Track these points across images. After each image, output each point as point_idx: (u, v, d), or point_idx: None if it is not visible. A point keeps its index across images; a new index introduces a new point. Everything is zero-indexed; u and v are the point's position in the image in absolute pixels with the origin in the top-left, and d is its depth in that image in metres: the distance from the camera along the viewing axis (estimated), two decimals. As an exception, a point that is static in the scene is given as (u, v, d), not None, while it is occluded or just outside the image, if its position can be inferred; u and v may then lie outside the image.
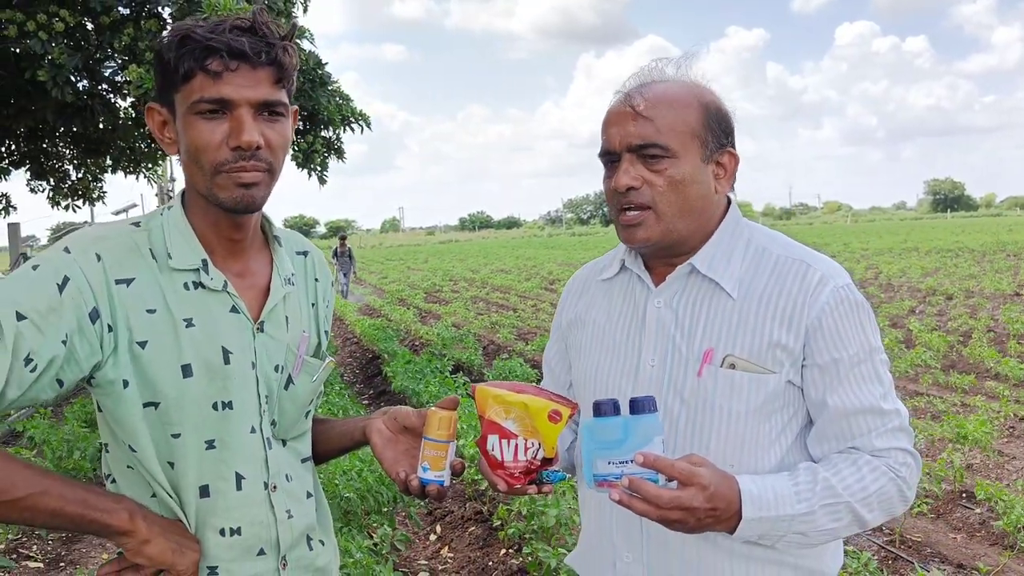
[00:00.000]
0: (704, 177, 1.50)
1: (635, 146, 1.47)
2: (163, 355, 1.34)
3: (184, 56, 1.30)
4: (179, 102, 1.34)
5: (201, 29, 1.31)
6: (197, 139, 1.33)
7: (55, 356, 1.26)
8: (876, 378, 1.48)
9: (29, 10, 8.04)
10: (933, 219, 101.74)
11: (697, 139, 1.48)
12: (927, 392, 8.59)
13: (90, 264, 1.31)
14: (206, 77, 1.30)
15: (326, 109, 9.19)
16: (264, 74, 1.33)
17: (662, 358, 1.53)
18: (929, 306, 15.50)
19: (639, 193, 1.47)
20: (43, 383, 1.27)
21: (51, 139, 11.67)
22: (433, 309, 18.62)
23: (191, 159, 1.35)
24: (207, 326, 1.38)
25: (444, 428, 1.45)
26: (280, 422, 1.48)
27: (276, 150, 1.37)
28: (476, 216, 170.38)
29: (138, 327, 1.34)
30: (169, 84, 1.35)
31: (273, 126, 1.36)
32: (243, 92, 1.31)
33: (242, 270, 1.46)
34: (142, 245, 1.38)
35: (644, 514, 1.31)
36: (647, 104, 1.47)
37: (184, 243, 1.40)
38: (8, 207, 12.95)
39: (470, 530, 5.07)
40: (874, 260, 28.18)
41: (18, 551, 5.12)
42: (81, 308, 1.29)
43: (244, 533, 1.41)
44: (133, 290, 1.34)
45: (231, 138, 1.32)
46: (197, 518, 1.39)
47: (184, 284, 1.38)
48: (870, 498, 1.44)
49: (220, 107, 1.32)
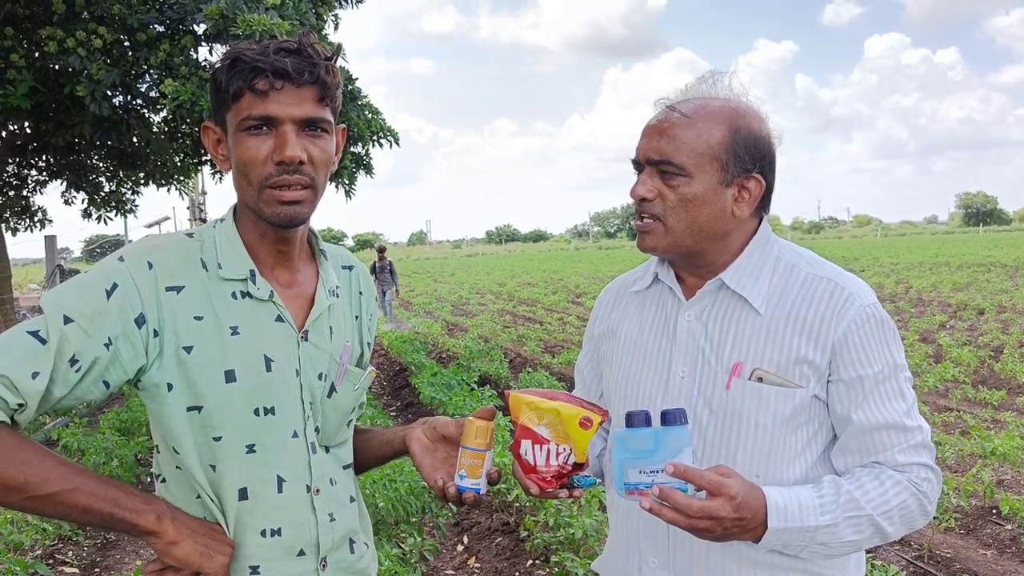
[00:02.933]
0: (719, 199, 1.53)
1: (653, 160, 1.53)
2: (208, 360, 1.40)
3: (234, 77, 1.38)
4: (230, 120, 1.42)
5: (251, 52, 1.39)
6: (244, 154, 1.40)
7: (98, 358, 1.33)
8: (900, 395, 1.51)
9: (69, 27, 8.25)
10: (965, 233, 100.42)
11: (717, 161, 1.51)
12: (957, 407, 8.50)
13: (141, 272, 1.39)
14: (253, 96, 1.38)
15: (356, 124, 9.30)
16: (308, 92, 1.40)
17: (692, 369, 1.57)
18: (960, 321, 15.32)
19: (651, 204, 1.54)
20: (88, 383, 1.34)
21: (87, 153, 11.91)
22: (460, 322, 18.68)
23: (240, 174, 1.43)
24: (252, 334, 1.44)
25: (481, 437, 1.50)
26: (323, 429, 1.53)
27: (319, 166, 1.44)
28: (503, 229, 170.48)
29: (185, 332, 1.40)
30: (221, 104, 1.43)
31: (316, 142, 1.42)
32: (287, 109, 1.38)
33: (289, 281, 1.52)
34: (194, 255, 1.46)
35: (673, 522, 1.34)
36: (672, 123, 1.52)
37: (233, 254, 1.47)
38: (44, 220, 13.21)
39: (497, 541, 5.10)
40: (904, 274, 27.88)
41: (54, 556, 5.21)
42: (127, 313, 1.36)
43: (284, 534, 1.46)
44: (183, 297, 1.41)
45: (275, 153, 1.39)
46: (237, 519, 1.43)
47: (232, 293, 1.45)
48: (892, 512, 1.47)
49: (266, 124, 1.39)
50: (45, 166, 12.57)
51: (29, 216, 13.02)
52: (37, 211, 13.08)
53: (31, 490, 1.27)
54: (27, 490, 1.27)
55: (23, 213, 12.96)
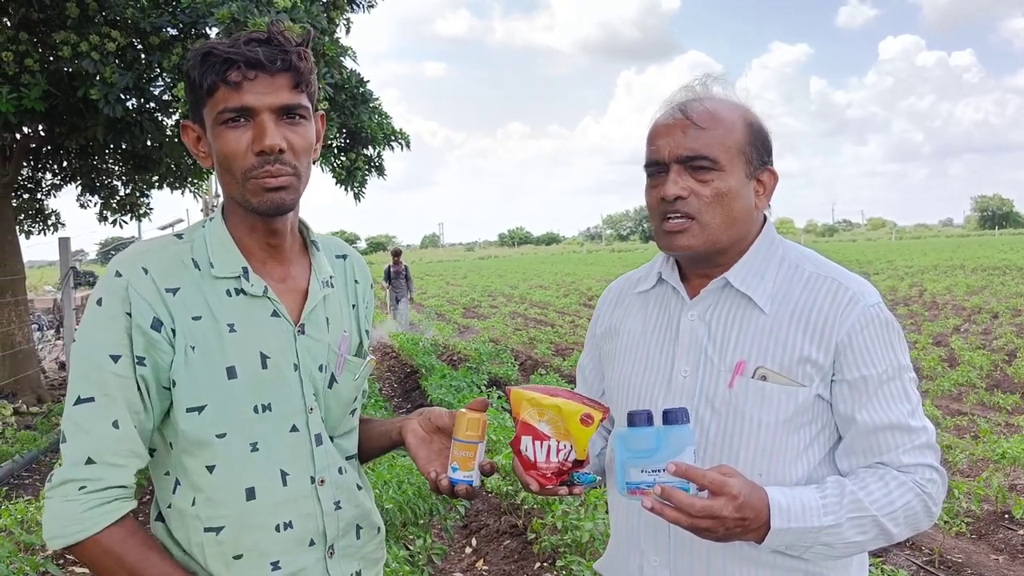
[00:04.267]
0: (747, 192, 1.55)
1: (684, 157, 1.51)
2: (210, 358, 1.41)
3: (207, 71, 1.38)
4: (207, 115, 1.42)
5: (221, 45, 1.39)
6: (224, 148, 1.40)
7: (143, 376, 1.38)
8: (904, 396, 1.51)
9: (82, 31, 8.32)
10: (980, 236, 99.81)
11: (743, 155, 1.53)
12: (971, 412, 8.45)
13: (140, 280, 1.40)
14: (228, 88, 1.38)
15: (368, 127, 9.33)
16: (282, 80, 1.40)
17: (694, 368, 1.57)
18: (974, 324, 15.21)
19: (686, 203, 1.52)
20: (155, 400, 1.41)
21: (100, 156, 12.00)
22: (471, 324, 18.69)
23: (223, 168, 1.43)
24: (248, 331, 1.44)
25: (473, 429, 1.50)
26: (327, 420, 1.54)
27: (300, 153, 1.43)
28: (515, 232, 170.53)
29: (188, 332, 1.41)
30: (197, 100, 1.43)
31: (295, 129, 1.42)
32: (263, 99, 1.38)
33: (282, 275, 1.52)
34: (185, 256, 1.46)
35: (675, 522, 1.34)
36: (698, 117, 1.52)
37: (225, 252, 1.47)
38: (58, 223, 13.30)
39: (505, 543, 5.09)
40: (919, 277, 27.71)
41: (65, 556, 5.23)
42: (144, 324, 1.38)
43: (296, 526, 1.48)
44: (179, 298, 1.42)
45: (255, 143, 1.39)
46: (249, 519, 1.44)
47: (226, 291, 1.45)
48: (896, 513, 1.46)
49: (243, 115, 1.39)
50: (59, 169, 12.66)
51: (43, 219, 13.11)
52: (51, 214, 13.17)
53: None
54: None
55: (37, 216, 13.06)
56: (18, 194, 12.38)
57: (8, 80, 8.29)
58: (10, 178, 10.81)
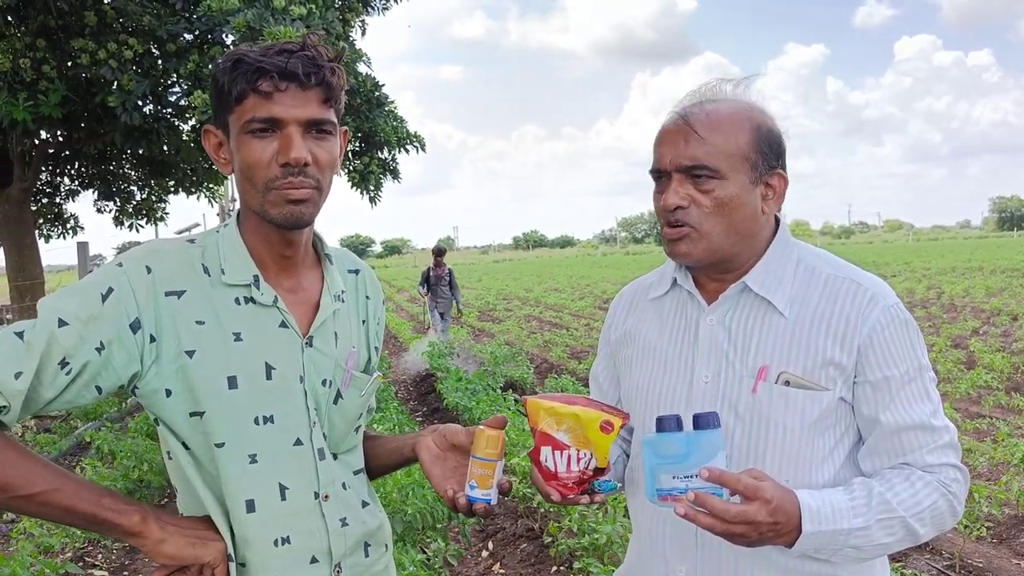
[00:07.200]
0: (751, 199, 1.52)
1: (684, 167, 1.50)
2: (210, 366, 1.39)
3: (237, 78, 1.36)
4: (232, 123, 1.40)
5: (253, 53, 1.37)
6: (248, 157, 1.38)
7: (89, 361, 1.32)
8: (926, 395, 1.50)
9: (100, 39, 8.41)
10: (999, 238, 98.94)
11: (747, 161, 1.51)
12: (990, 414, 8.37)
13: (139, 277, 1.38)
14: (257, 97, 1.36)
15: (383, 130, 9.36)
16: (313, 94, 1.39)
17: (716, 374, 1.55)
18: (993, 327, 15.07)
19: (686, 212, 1.51)
20: (79, 387, 1.33)
21: (118, 161, 12.11)
22: (487, 327, 18.69)
23: (244, 177, 1.41)
24: (255, 341, 1.42)
25: (492, 447, 1.47)
26: (330, 436, 1.51)
27: (324, 167, 1.42)
28: (530, 235, 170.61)
29: (187, 337, 1.39)
30: (224, 106, 1.41)
31: (321, 144, 1.41)
32: (292, 111, 1.37)
33: (293, 286, 1.51)
34: (195, 260, 1.44)
35: (709, 528, 1.33)
36: (698, 125, 1.50)
37: (237, 259, 1.46)
38: (76, 227, 13.42)
39: (521, 547, 5.09)
40: (936, 279, 27.50)
41: (84, 559, 5.28)
42: (122, 319, 1.35)
43: (293, 542, 1.44)
44: (183, 301, 1.40)
45: (280, 155, 1.37)
46: (249, 532, 1.41)
47: (236, 299, 1.43)
48: (923, 513, 1.45)
49: (270, 126, 1.37)
50: (77, 174, 12.77)
51: (62, 223, 13.23)
52: (69, 218, 13.29)
53: (13, 490, 1.27)
54: (10, 490, 1.27)
55: (56, 220, 13.17)
56: (37, 199, 12.50)
57: (25, 87, 8.38)
58: (29, 183, 10.92)
